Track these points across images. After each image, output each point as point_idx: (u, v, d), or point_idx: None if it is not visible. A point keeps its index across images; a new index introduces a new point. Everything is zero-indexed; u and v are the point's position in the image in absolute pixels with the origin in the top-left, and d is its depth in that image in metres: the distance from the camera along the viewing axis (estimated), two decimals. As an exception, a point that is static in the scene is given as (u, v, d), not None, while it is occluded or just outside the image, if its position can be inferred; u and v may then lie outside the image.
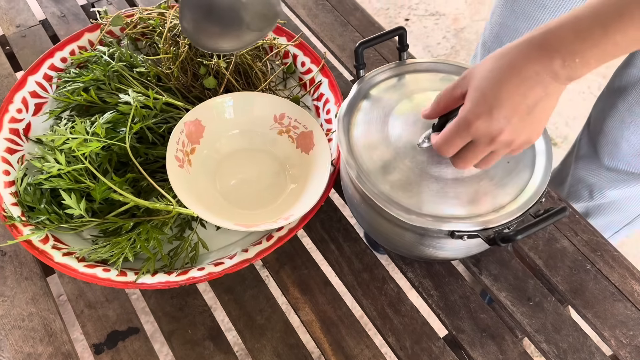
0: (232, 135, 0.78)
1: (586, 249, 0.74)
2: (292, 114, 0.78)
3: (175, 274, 0.66)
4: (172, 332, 0.67)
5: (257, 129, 0.78)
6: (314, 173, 0.73)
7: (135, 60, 0.81)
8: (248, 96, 0.77)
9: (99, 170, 0.70)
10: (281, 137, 0.78)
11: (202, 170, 0.74)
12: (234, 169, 0.76)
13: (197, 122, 0.74)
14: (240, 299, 0.69)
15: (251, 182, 0.76)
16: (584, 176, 1.01)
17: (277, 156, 0.78)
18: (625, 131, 0.86)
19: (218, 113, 0.76)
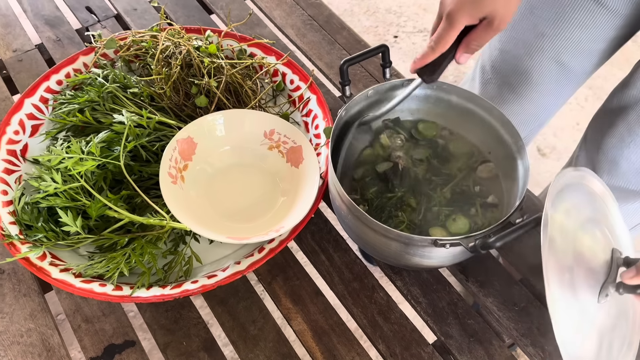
0: (224, 152, 0.80)
1: (569, 254, 0.76)
2: (281, 130, 0.80)
3: (169, 287, 0.67)
4: (167, 344, 0.68)
5: (248, 145, 0.80)
6: (303, 186, 0.76)
7: (128, 82, 0.84)
8: (239, 113, 0.80)
9: (94, 188, 0.72)
10: (271, 153, 0.80)
11: (194, 186, 0.76)
12: (226, 184, 0.78)
13: (189, 139, 0.76)
14: (234, 310, 0.71)
15: (243, 196, 0.78)
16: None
17: (268, 171, 0.80)
18: (625, 150, 0.87)
19: (210, 130, 0.78)
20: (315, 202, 0.73)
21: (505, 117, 0.70)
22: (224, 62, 0.81)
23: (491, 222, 0.70)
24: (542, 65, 0.90)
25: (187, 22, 1.04)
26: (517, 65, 0.93)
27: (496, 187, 0.74)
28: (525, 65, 0.92)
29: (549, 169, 1.69)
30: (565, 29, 0.83)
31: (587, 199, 0.67)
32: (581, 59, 0.88)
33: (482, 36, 0.64)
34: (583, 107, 1.83)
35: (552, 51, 0.87)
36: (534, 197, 0.81)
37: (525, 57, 0.91)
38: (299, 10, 1.07)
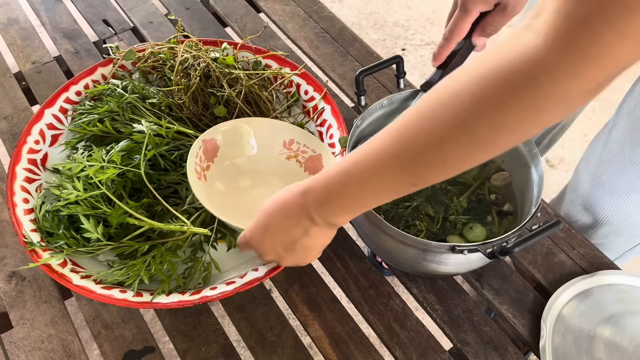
0: (244, 159, 0.81)
1: (583, 262, 0.76)
2: (301, 139, 0.82)
3: (188, 294, 0.68)
4: (186, 350, 0.69)
5: (267, 154, 0.82)
6: None
7: (147, 92, 0.85)
8: (262, 122, 0.81)
9: (114, 196, 0.73)
10: (289, 162, 0.82)
11: (215, 190, 0.77)
12: (244, 191, 0.79)
13: (213, 141, 0.78)
14: (251, 317, 0.72)
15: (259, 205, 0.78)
16: (570, 213, 1.00)
17: (285, 179, 0.81)
18: (598, 168, 0.88)
19: (232, 136, 0.80)
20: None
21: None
22: (242, 73, 0.82)
23: (507, 230, 0.71)
24: None
25: (203, 34, 1.06)
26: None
27: (511, 195, 0.75)
28: None
29: (557, 180, 1.69)
30: None
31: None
32: None
33: (497, 21, 0.66)
34: (591, 119, 1.84)
35: None
36: (545, 204, 0.82)
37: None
38: (312, 23, 1.08)
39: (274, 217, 0.56)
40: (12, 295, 0.73)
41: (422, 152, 0.43)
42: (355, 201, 0.50)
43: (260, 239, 0.59)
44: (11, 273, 0.75)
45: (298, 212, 0.54)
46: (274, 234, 0.57)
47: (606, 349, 0.67)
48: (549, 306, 0.71)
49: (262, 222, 0.58)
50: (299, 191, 0.54)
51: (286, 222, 0.55)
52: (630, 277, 0.74)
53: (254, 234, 0.59)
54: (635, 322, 0.69)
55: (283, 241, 0.57)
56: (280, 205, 0.56)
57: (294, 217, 0.54)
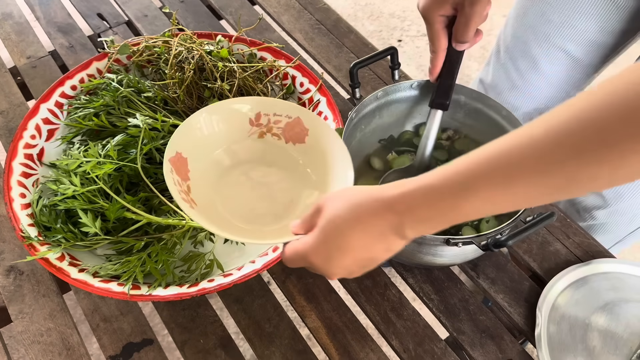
0: (217, 157, 0.72)
1: (578, 251, 0.77)
2: (266, 109, 0.72)
3: (186, 286, 0.69)
4: (184, 342, 0.70)
5: (237, 141, 0.72)
6: (326, 155, 0.69)
7: (142, 86, 0.85)
8: (216, 108, 0.70)
9: (111, 190, 0.73)
10: (265, 140, 0.73)
11: (208, 205, 0.67)
12: (237, 190, 0.70)
13: (178, 155, 0.66)
14: (249, 308, 0.72)
15: (262, 197, 0.70)
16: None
17: (275, 161, 0.73)
18: None
19: (193, 138, 0.69)
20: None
21: (514, 116, 0.71)
22: (235, 65, 0.82)
23: (502, 221, 0.72)
24: (550, 53, 0.92)
25: (197, 27, 1.06)
26: (527, 51, 0.95)
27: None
28: (533, 52, 0.94)
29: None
30: (571, 17, 0.85)
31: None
32: (587, 50, 0.89)
33: (462, 22, 0.64)
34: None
35: (559, 39, 0.89)
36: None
37: (533, 44, 0.93)
38: (307, 14, 1.08)
39: (349, 236, 0.47)
40: (10, 290, 0.74)
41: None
42: (466, 214, 0.43)
43: (330, 259, 0.49)
44: (9, 267, 0.76)
45: (385, 228, 0.46)
46: (351, 253, 0.48)
47: (601, 336, 0.68)
48: (544, 295, 0.72)
49: (334, 241, 0.48)
50: (383, 204, 0.45)
51: (367, 240, 0.47)
52: (625, 265, 0.75)
53: (320, 254, 0.49)
54: (630, 309, 0.70)
55: (361, 259, 0.49)
56: (356, 219, 0.47)
57: (378, 234, 0.47)
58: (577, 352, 0.67)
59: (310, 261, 0.50)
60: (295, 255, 0.52)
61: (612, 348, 0.67)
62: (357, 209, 0.47)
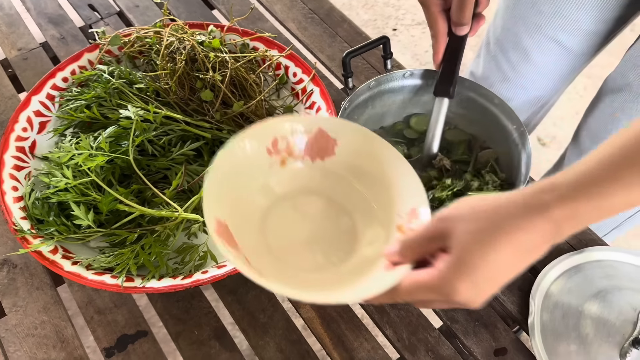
0: (252, 209, 0.59)
1: (572, 238, 0.77)
2: (281, 132, 0.59)
3: (180, 278, 0.69)
4: (179, 333, 0.70)
5: (262, 179, 0.60)
6: (383, 163, 0.59)
7: (134, 77, 0.85)
8: (227, 155, 0.56)
9: (103, 182, 0.73)
10: (290, 166, 0.61)
11: (271, 266, 0.56)
12: (287, 235, 0.59)
13: (218, 223, 0.52)
14: (243, 299, 0.72)
15: (315, 234, 0.60)
16: None
17: (309, 188, 0.62)
18: (608, 136, 0.88)
19: (221, 198, 0.55)
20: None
21: (507, 104, 0.71)
22: (227, 56, 0.82)
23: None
24: (541, 44, 0.92)
25: (189, 17, 1.05)
26: (518, 43, 0.95)
27: (498, 174, 0.75)
28: (525, 43, 0.93)
29: (549, 158, 1.70)
30: (563, 7, 0.84)
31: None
32: (579, 40, 0.89)
33: (456, 4, 0.64)
34: (582, 97, 1.85)
35: (550, 29, 0.89)
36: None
37: (524, 35, 0.93)
38: (300, 4, 1.08)
39: (500, 260, 0.41)
40: (4, 283, 0.74)
41: None
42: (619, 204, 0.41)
43: (478, 290, 0.42)
44: (2, 260, 0.76)
45: (539, 240, 0.41)
46: (502, 278, 0.42)
47: (594, 324, 0.68)
48: (537, 283, 0.72)
49: (482, 269, 0.41)
50: (539, 215, 0.40)
51: (520, 258, 0.42)
52: (618, 253, 0.75)
53: (463, 285, 0.42)
54: (623, 297, 0.70)
55: (508, 279, 0.43)
56: (506, 240, 0.41)
57: (532, 247, 0.41)
58: (570, 339, 0.68)
59: (446, 294, 0.43)
60: (420, 290, 0.44)
61: (604, 335, 0.67)
62: (504, 227, 0.41)
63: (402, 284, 0.46)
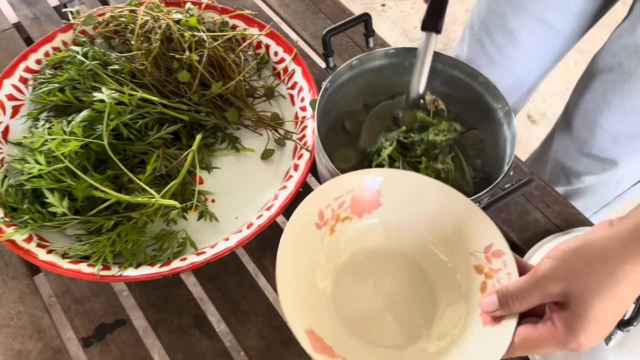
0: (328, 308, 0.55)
1: (558, 220, 0.76)
2: (324, 201, 0.57)
3: (158, 266, 0.67)
4: (158, 322, 0.69)
5: (316, 260, 0.57)
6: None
7: (109, 58, 0.82)
8: (289, 250, 0.53)
9: (78, 168, 0.71)
10: (339, 230, 0.58)
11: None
12: (359, 317, 0.55)
13: (312, 334, 0.50)
14: (224, 286, 0.71)
15: (383, 309, 0.56)
16: (561, 160, 1.01)
17: (359, 250, 0.59)
18: (599, 117, 0.87)
19: (304, 308, 0.52)
20: (302, 175, 0.73)
21: (491, 82, 0.69)
22: (205, 35, 0.79)
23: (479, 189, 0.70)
24: (528, 25, 0.89)
25: (168, -5, 1.02)
26: (504, 25, 0.92)
27: (482, 154, 0.73)
28: (511, 25, 0.91)
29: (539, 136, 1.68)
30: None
31: None
32: (567, 19, 0.87)
33: None
34: (573, 72, 1.82)
35: (537, 10, 0.86)
36: (521, 163, 0.81)
37: (511, 16, 0.90)
38: (282, -20, 1.04)
39: (621, 304, 0.44)
40: (-22, 273, 0.72)
41: None
42: None
43: (604, 334, 0.45)
44: (-23, 250, 0.74)
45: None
46: (622, 311, 0.46)
47: None
48: None
49: (606, 320, 0.44)
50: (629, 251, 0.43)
51: (636, 292, 0.44)
52: None
53: (594, 340, 0.45)
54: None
55: (625, 311, 0.46)
56: (625, 285, 0.43)
57: (633, 296, 0.44)
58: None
59: (569, 346, 0.45)
60: (539, 346, 0.46)
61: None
62: (621, 275, 0.43)
63: (518, 340, 0.47)
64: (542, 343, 0.46)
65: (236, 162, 0.80)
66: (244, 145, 0.81)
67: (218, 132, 0.82)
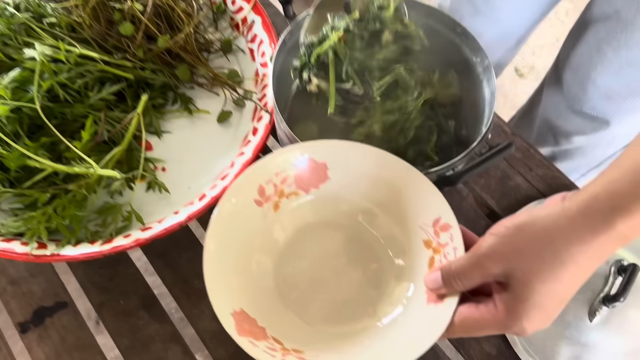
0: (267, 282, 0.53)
1: (541, 184, 0.70)
2: (264, 176, 0.53)
3: (99, 243, 0.61)
4: (102, 303, 0.63)
5: (256, 236, 0.54)
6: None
7: (44, 10, 0.73)
8: (215, 225, 0.51)
9: (9, 136, 0.63)
10: (285, 207, 0.55)
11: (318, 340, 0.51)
12: (303, 295, 0.53)
13: (239, 315, 0.48)
14: (175, 263, 0.65)
15: (330, 287, 0.54)
16: (550, 118, 0.96)
17: (307, 225, 0.56)
18: (592, 71, 0.81)
19: (230, 281, 0.50)
20: (261, 140, 0.66)
21: (470, 33, 0.62)
22: (149, -19, 0.70)
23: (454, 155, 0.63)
24: None
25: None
26: None
27: (461, 114, 0.66)
28: None
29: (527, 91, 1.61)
30: None
31: None
32: None
33: None
34: (563, 22, 1.73)
35: None
36: (503, 123, 0.74)
37: None
38: None
39: (567, 290, 0.40)
40: None
41: None
42: None
43: (547, 321, 0.41)
44: None
45: (604, 257, 0.39)
46: (570, 294, 0.41)
47: None
48: None
49: (552, 303, 0.40)
50: (607, 237, 0.38)
51: (586, 274, 0.40)
52: None
53: (531, 319, 0.41)
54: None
55: (573, 293, 0.42)
56: (575, 269, 0.39)
57: (594, 267, 0.40)
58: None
59: (511, 329, 0.41)
60: (479, 327, 0.43)
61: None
62: (568, 259, 0.39)
63: (458, 321, 0.44)
64: (483, 325, 0.43)
65: (189, 126, 0.73)
66: (198, 107, 0.74)
67: (168, 91, 0.74)
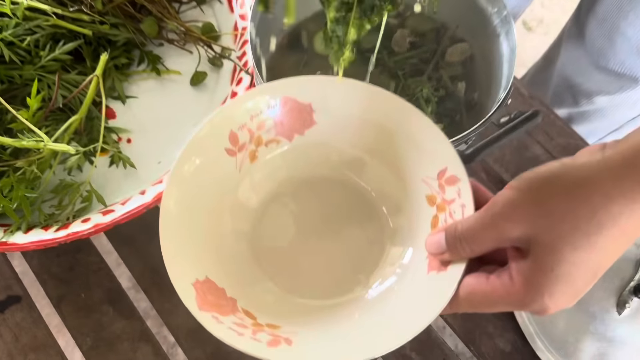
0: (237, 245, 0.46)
1: (562, 155, 0.61)
2: (237, 120, 0.44)
3: (54, 229, 0.52)
4: (61, 297, 0.55)
5: (229, 192, 0.47)
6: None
7: (-15, -47, 0.62)
8: (174, 178, 0.42)
9: (-54, 103, 0.54)
10: (263, 158, 0.46)
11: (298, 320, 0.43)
12: (283, 259, 0.46)
13: (201, 286, 0.41)
14: (145, 250, 0.57)
15: (314, 250, 0.46)
16: (570, 75, 0.86)
17: (289, 179, 0.48)
18: (622, 22, 0.71)
19: (199, 250, 0.43)
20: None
21: (486, -22, 0.52)
22: None
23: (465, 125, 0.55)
24: None
25: None
26: None
27: (473, 74, 0.57)
28: None
29: (536, 45, 1.51)
30: None
31: None
32: None
33: None
34: (575, -31, 1.62)
35: None
36: (520, 85, 0.65)
37: None
38: None
39: (605, 256, 0.33)
40: None
41: None
42: None
43: (578, 295, 0.34)
44: None
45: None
46: (605, 266, 0.34)
47: None
48: None
49: (582, 277, 0.33)
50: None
51: (627, 242, 0.33)
52: None
53: (563, 303, 0.34)
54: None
55: (610, 264, 0.35)
56: (611, 234, 0.32)
57: (633, 235, 0.33)
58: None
59: (531, 308, 0.34)
60: (489, 303, 0.35)
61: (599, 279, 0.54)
62: (607, 221, 0.31)
63: (464, 294, 0.36)
64: (494, 300, 0.35)
65: (158, 89, 0.64)
66: (168, 67, 0.64)
67: (133, 50, 0.64)
